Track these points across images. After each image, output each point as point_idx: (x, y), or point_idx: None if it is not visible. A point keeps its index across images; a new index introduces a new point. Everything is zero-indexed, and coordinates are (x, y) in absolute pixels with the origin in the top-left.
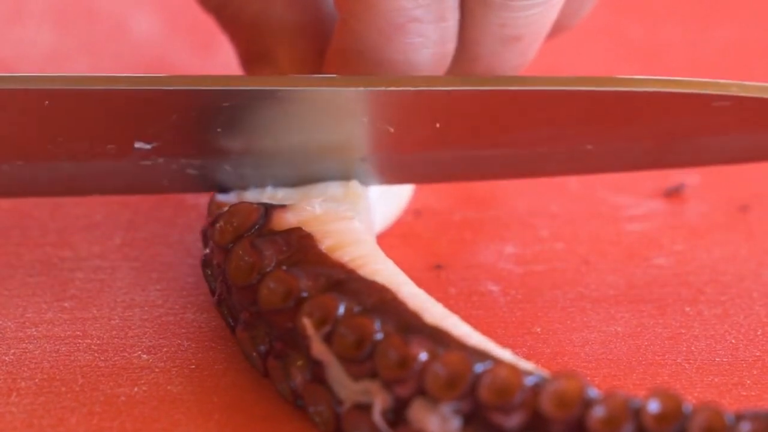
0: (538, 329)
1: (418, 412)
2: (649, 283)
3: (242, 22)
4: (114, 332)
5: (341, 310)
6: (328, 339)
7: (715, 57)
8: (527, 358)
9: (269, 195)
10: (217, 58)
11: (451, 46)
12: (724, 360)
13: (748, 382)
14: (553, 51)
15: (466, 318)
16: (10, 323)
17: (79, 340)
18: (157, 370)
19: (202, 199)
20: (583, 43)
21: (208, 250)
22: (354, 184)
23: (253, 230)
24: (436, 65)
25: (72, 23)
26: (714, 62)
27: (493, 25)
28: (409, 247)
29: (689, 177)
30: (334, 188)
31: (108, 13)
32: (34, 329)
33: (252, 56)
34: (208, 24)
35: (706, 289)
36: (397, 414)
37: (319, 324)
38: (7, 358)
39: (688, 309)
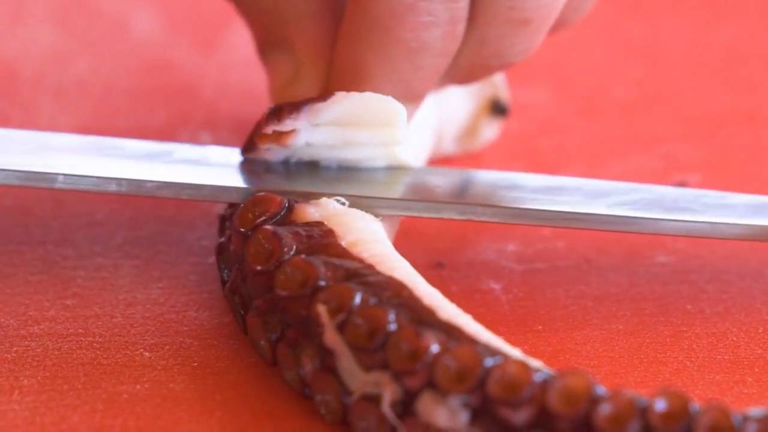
0: (540, 327)
1: (426, 404)
2: (651, 281)
3: (260, 10)
4: (116, 330)
5: (357, 300)
6: (341, 328)
7: (715, 57)
8: (529, 356)
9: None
10: (217, 57)
11: (461, 26)
12: (726, 358)
13: (750, 380)
14: (554, 50)
15: (468, 316)
16: (12, 321)
17: (81, 338)
18: (159, 367)
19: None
20: (583, 42)
21: (224, 238)
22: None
23: (274, 220)
24: (445, 46)
25: (73, 23)
26: (714, 62)
27: (502, 7)
28: (410, 245)
29: (691, 175)
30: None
31: (109, 12)
32: (36, 327)
33: (268, 44)
34: (208, 23)
35: (708, 288)
36: (406, 406)
37: (334, 312)
38: (9, 356)
39: (689, 307)
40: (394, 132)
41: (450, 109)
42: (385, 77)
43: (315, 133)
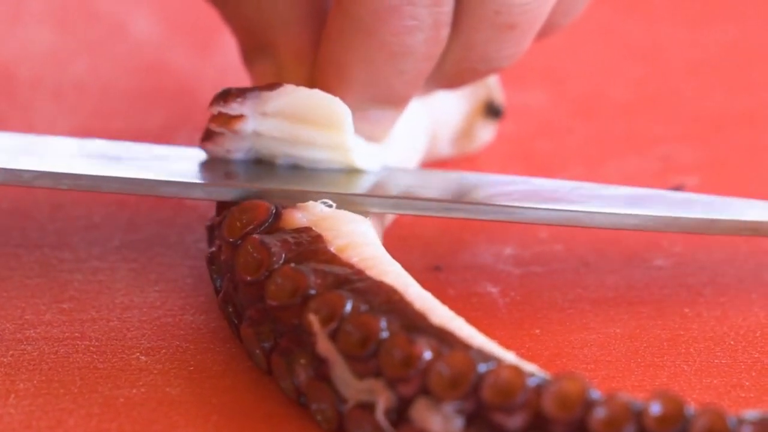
0: (537, 331)
1: (420, 411)
2: (648, 284)
3: (244, 15)
4: (112, 334)
5: (348, 307)
6: (333, 336)
7: (714, 58)
8: (526, 359)
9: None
10: (215, 59)
11: (445, 31)
12: (723, 362)
13: (747, 383)
14: (550, 51)
15: (465, 319)
16: (8, 325)
17: (78, 342)
18: (155, 371)
19: (202, 201)
20: (579, 43)
21: (214, 248)
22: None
23: (262, 227)
24: (429, 50)
25: (71, 24)
26: (712, 63)
27: (488, 12)
28: (408, 248)
29: (689, 178)
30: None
31: (107, 13)
32: (32, 331)
33: (252, 49)
34: (206, 25)
35: (705, 291)
36: (400, 413)
37: (326, 321)
38: (5, 360)
39: (687, 310)
40: (342, 136)
41: (444, 112)
42: (368, 81)
43: (263, 122)
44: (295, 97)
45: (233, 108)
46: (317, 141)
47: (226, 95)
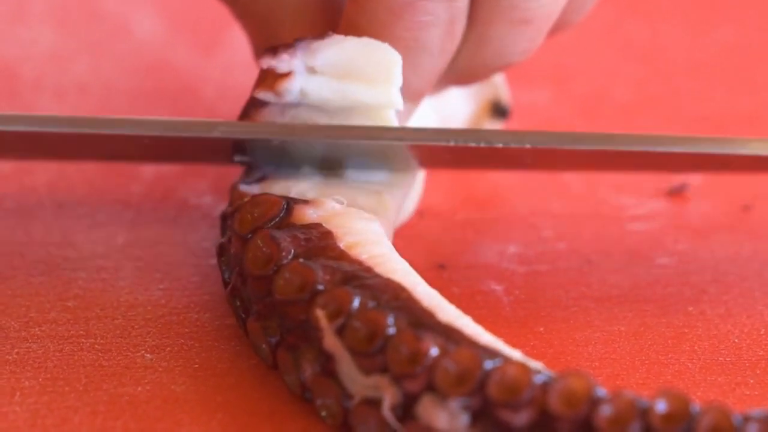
0: (541, 329)
1: (426, 407)
2: (652, 282)
3: (256, 13)
4: (117, 332)
5: (355, 304)
6: (340, 332)
7: (715, 58)
8: (530, 357)
9: (297, 191)
10: (218, 59)
11: (460, 26)
12: (728, 359)
13: (752, 381)
14: (555, 51)
15: (470, 317)
16: (13, 323)
17: (83, 340)
18: (160, 369)
19: (205, 200)
20: (583, 43)
21: (225, 239)
22: (384, 197)
23: (273, 222)
24: (444, 45)
25: (73, 24)
26: (713, 63)
27: (503, 6)
28: (412, 247)
29: (692, 177)
30: (364, 197)
31: (109, 13)
32: (37, 329)
33: (264, 46)
34: (209, 25)
35: (709, 289)
36: (406, 409)
37: (333, 317)
38: (10, 358)
39: (691, 309)
40: (390, 88)
41: (451, 111)
42: None
43: (311, 80)
44: (344, 45)
45: (283, 60)
46: (364, 98)
47: (274, 49)
